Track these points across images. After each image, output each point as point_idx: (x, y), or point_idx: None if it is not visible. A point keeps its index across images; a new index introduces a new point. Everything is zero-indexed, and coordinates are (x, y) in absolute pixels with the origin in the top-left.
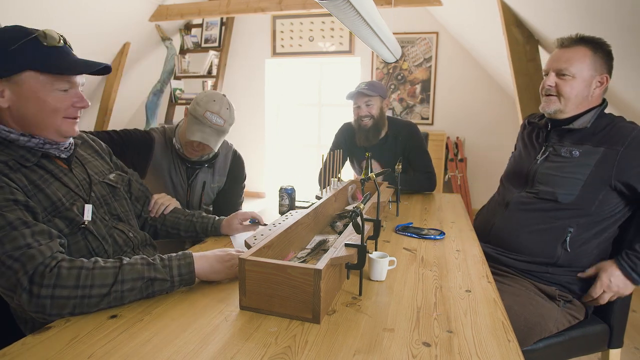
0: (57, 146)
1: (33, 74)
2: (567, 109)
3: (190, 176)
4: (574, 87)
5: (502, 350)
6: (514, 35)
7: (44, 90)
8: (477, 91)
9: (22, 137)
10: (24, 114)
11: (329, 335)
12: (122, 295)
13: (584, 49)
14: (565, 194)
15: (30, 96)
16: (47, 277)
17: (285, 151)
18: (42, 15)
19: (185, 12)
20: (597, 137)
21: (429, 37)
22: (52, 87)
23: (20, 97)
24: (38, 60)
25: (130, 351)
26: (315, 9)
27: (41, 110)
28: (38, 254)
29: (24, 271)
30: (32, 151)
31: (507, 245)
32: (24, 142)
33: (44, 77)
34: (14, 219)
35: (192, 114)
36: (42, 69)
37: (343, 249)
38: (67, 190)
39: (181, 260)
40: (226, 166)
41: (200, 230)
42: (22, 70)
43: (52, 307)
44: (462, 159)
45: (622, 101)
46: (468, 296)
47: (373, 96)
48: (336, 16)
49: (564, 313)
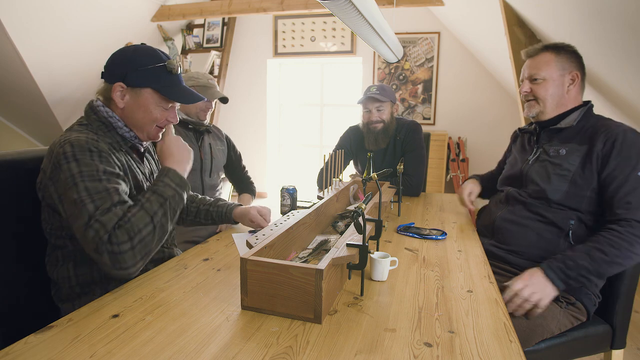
0: (141, 142)
1: (152, 92)
2: (547, 109)
3: (198, 140)
4: (547, 88)
5: (503, 350)
6: (516, 35)
7: (154, 105)
8: (479, 91)
9: (125, 127)
10: (132, 116)
11: (331, 335)
12: (162, 223)
13: (548, 54)
14: (553, 190)
15: (142, 105)
16: (113, 238)
17: (287, 151)
18: (45, 15)
19: (187, 12)
20: (582, 135)
21: (430, 37)
22: (160, 104)
23: (135, 103)
24: (160, 84)
25: (131, 351)
26: (317, 9)
27: (145, 118)
28: (114, 216)
29: (105, 231)
30: (125, 140)
31: (510, 238)
32: (124, 132)
33: (159, 96)
34: (110, 187)
35: (198, 86)
36: (160, 91)
37: (345, 249)
38: (143, 177)
39: (161, 176)
40: (223, 138)
41: (217, 218)
42: (146, 86)
43: (124, 260)
44: (464, 159)
45: (624, 102)
46: (470, 296)
47: (385, 102)
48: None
49: (566, 314)
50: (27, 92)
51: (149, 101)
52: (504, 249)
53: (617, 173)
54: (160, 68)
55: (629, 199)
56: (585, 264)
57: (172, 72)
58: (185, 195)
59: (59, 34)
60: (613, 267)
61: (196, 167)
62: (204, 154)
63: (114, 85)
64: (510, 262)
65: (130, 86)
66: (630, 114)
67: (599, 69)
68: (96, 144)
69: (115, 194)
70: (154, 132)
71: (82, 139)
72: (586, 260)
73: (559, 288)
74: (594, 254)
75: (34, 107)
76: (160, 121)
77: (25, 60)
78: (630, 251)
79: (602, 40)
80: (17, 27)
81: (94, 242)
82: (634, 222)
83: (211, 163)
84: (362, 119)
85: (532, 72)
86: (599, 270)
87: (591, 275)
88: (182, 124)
